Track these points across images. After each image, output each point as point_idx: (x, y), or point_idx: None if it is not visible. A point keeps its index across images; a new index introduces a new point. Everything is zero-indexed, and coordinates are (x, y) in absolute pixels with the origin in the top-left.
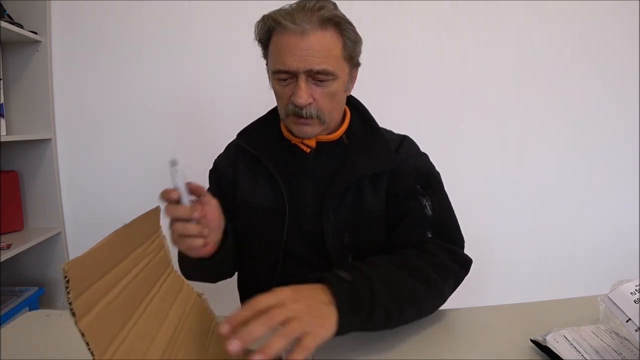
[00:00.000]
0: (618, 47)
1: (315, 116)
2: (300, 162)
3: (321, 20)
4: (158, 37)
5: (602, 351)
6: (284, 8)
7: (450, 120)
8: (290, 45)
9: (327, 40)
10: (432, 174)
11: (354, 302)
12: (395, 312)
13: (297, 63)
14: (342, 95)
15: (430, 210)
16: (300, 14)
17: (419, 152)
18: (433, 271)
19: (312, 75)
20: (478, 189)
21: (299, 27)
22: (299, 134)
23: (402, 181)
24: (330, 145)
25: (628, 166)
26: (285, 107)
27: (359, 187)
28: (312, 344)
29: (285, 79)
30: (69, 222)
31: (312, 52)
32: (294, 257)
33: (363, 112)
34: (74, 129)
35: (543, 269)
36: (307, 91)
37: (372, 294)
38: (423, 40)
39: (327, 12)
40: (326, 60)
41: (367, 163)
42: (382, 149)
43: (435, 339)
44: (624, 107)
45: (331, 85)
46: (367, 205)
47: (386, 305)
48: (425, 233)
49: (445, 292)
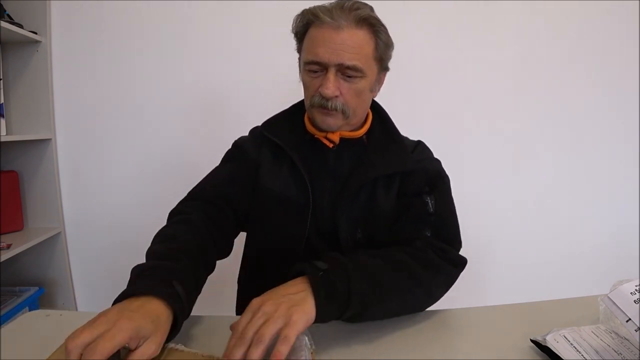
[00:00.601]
0: (618, 48)
1: (340, 110)
2: (322, 157)
3: (357, 19)
4: (158, 37)
5: (602, 351)
6: (323, 5)
7: (450, 120)
8: (325, 38)
9: (361, 38)
10: (440, 176)
11: (330, 290)
12: (374, 302)
13: (329, 56)
14: (368, 94)
15: (432, 208)
16: (338, 11)
17: (432, 156)
18: (418, 265)
19: (342, 70)
20: (478, 190)
21: (335, 22)
22: (322, 124)
23: (411, 182)
24: (351, 143)
25: (628, 167)
26: (312, 98)
27: (374, 186)
28: (291, 332)
29: (316, 70)
30: (69, 222)
31: (345, 47)
32: (311, 253)
33: (384, 118)
34: (74, 129)
35: (543, 269)
36: (335, 84)
37: (347, 282)
38: (422, 42)
39: (363, 12)
40: (357, 57)
41: (385, 164)
42: (399, 152)
43: (435, 339)
44: (624, 107)
45: (359, 82)
46: (379, 204)
47: (363, 295)
48: (423, 230)
49: (432, 287)
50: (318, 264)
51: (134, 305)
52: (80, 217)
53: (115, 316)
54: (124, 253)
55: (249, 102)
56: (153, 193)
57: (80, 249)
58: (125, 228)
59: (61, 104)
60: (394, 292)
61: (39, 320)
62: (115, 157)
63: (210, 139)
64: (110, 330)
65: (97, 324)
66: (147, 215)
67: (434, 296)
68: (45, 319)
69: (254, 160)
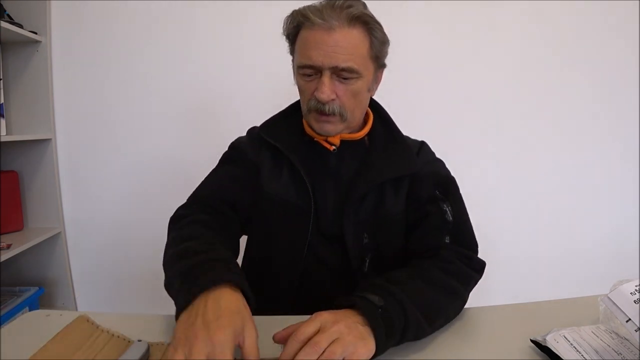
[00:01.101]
0: (618, 48)
1: (337, 113)
2: (322, 160)
3: (349, 18)
4: (158, 37)
5: (602, 351)
6: (313, 5)
7: (451, 120)
8: (317, 40)
9: (354, 37)
10: (450, 180)
11: (389, 328)
12: (426, 328)
13: (323, 59)
14: (366, 94)
15: (451, 216)
16: (328, 10)
17: (437, 158)
18: (453, 279)
19: (337, 72)
20: (478, 189)
21: (327, 23)
22: (320, 131)
23: (422, 186)
24: (353, 145)
25: (628, 166)
26: (308, 102)
27: (381, 190)
28: None
29: (310, 74)
30: (69, 222)
31: (338, 48)
32: (313, 257)
33: (385, 118)
34: (74, 129)
35: (543, 269)
36: (331, 87)
37: (405, 318)
38: (422, 41)
39: (355, 10)
40: (352, 58)
41: (392, 166)
42: (404, 153)
43: (435, 339)
44: (624, 107)
45: (355, 83)
46: (388, 207)
47: (418, 325)
48: (443, 238)
49: (466, 296)
50: (372, 298)
51: (209, 313)
52: (80, 217)
53: (205, 333)
54: (123, 253)
55: (248, 103)
56: (153, 193)
57: (80, 249)
58: (125, 228)
59: (61, 104)
60: (440, 314)
61: (39, 320)
62: (115, 157)
63: (210, 139)
64: (215, 352)
65: (195, 350)
66: (147, 215)
67: (466, 301)
68: (45, 319)
69: (254, 162)
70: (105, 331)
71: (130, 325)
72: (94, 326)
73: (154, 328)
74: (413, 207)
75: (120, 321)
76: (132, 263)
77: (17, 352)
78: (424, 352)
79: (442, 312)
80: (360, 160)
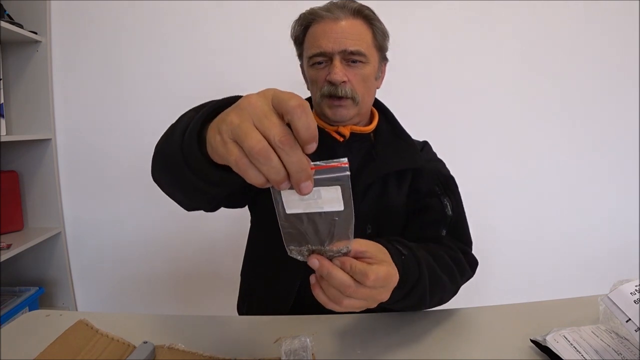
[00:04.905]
0: (618, 47)
1: (350, 96)
2: (331, 152)
3: (353, 11)
4: (158, 37)
5: (602, 351)
6: (318, 6)
7: (451, 120)
8: (326, 30)
9: (359, 27)
10: (451, 179)
11: (403, 277)
12: (427, 297)
13: (332, 44)
14: (373, 82)
15: (450, 211)
16: (334, 7)
17: (438, 158)
18: (455, 268)
19: (346, 57)
20: (478, 189)
21: (334, 15)
22: (334, 117)
23: (423, 180)
24: (360, 139)
25: (629, 166)
26: (321, 90)
27: (385, 182)
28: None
29: (321, 62)
30: (69, 222)
31: (346, 34)
32: None
33: (391, 118)
34: (74, 129)
35: (543, 269)
36: (342, 69)
37: (419, 274)
38: (423, 41)
39: (357, 4)
40: (359, 43)
41: (396, 159)
42: (409, 148)
43: (435, 339)
44: (625, 107)
45: (364, 68)
46: (390, 199)
47: (424, 288)
48: (440, 231)
49: (458, 288)
50: (398, 246)
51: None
52: (80, 217)
53: (254, 97)
54: (123, 253)
55: None
56: (153, 193)
57: (80, 249)
58: (125, 228)
59: (61, 104)
60: (440, 290)
61: (39, 320)
62: (115, 157)
63: None
64: (280, 100)
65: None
66: (147, 215)
67: (456, 293)
68: (45, 319)
69: None
70: (104, 335)
71: (130, 325)
72: (94, 330)
73: (154, 328)
74: (413, 199)
75: (120, 321)
76: (132, 263)
77: (17, 352)
78: (424, 352)
79: (441, 290)
80: (366, 153)
